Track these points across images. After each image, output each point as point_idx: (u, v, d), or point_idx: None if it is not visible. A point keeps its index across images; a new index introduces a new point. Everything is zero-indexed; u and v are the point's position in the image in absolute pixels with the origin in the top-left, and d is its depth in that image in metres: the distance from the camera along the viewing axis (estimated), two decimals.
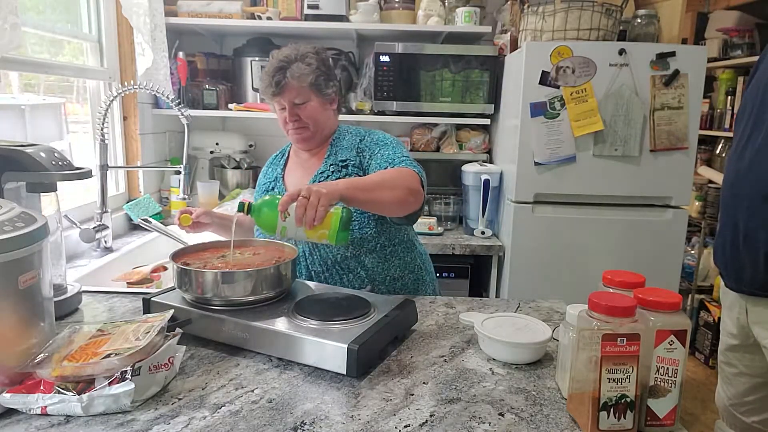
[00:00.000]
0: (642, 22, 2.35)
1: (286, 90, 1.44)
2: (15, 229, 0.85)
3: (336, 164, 1.49)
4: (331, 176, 1.47)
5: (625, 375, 0.80)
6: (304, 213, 1.08)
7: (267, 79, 1.44)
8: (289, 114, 1.45)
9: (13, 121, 1.71)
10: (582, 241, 2.18)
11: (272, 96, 1.46)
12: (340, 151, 1.52)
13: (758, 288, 1.39)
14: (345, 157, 1.49)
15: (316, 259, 1.47)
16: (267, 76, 1.45)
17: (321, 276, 1.47)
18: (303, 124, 1.46)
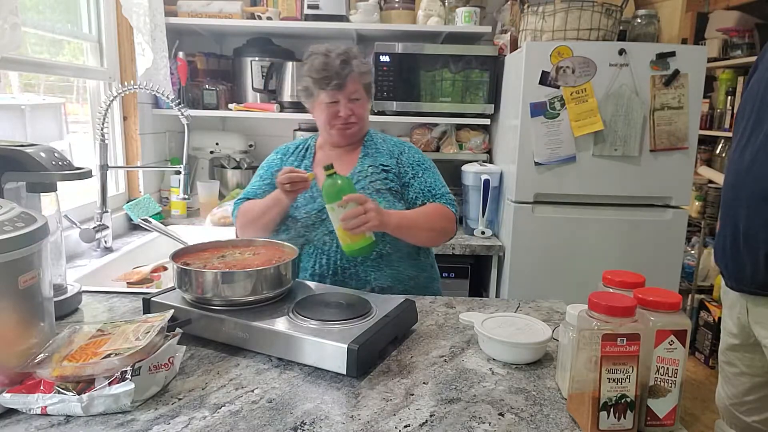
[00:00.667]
0: (642, 22, 2.35)
1: (348, 84, 1.47)
2: (15, 229, 0.85)
3: (375, 167, 1.54)
4: (370, 176, 1.52)
5: (625, 375, 0.80)
6: (352, 219, 1.27)
7: (329, 71, 1.44)
8: (344, 108, 1.48)
9: (13, 121, 1.71)
10: (582, 241, 2.18)
11: (335, 88, 1.45)
12: (377, 154, 1.57)
13: (759, 287, 1.39)
14: (386, 163, 1.55)
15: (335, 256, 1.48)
16: (328, 68, 1.44)
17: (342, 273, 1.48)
18: (353, 120, 1.50)
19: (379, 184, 1.54)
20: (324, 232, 1.48)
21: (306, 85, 1.51)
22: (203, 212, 2.40)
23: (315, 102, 1.52)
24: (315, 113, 1.56)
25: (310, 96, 1.52)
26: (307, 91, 1.52)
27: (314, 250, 1.49)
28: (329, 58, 1.46)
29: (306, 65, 1.51)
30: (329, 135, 1.55)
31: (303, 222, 1.49)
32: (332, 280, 1.48)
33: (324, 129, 1.54)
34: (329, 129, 1.52)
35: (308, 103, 1.56)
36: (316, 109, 1.53)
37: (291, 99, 2.51)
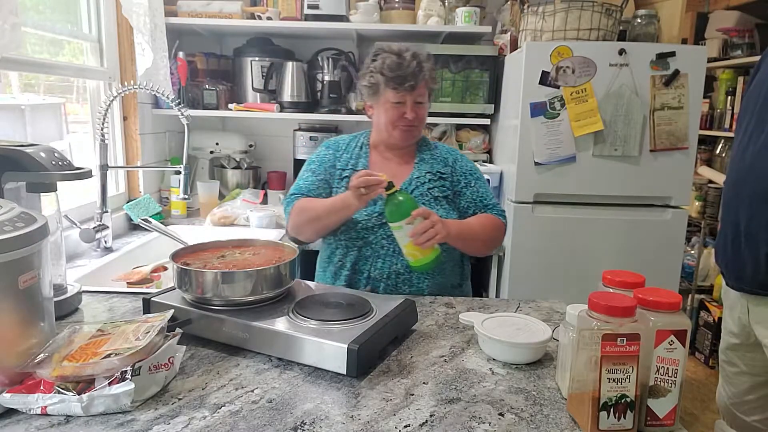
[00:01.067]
0: (642, 22, 2.35)
1: (419, 86, 1.46)
2: (15, 229, 0.85)
3: (432, 173, 1.55)
4: (427, 183, 1.53)
5: (625, 375, 0.80)
6: (422, 234, 1.28)
7: (403, 72, 1.44)
8: (410, 110, 1.47)
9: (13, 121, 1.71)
10: (582, 241, 2.18)
11: (408, 89, 1.45)
12: (432, 160, 1.57)
13: (759, 287, 1.39)
14: (442, 170, 1.56)
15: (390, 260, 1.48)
16: (402, 68, 1.44)
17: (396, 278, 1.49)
18: (415, 123, 1.50)
19: (436, 192, 1.54)
20: (382, 235, 1.48)
21: (374, 82, 1.48)
22: (203, 212, 2.40)
23: (379, 100, 1.50)
24: (376, 111, 1.53)
25: (375, 94, 1.50)
26: (374, 88, 1.49)
27: (371, 254, 1.49)
28: (403, 58, 1.45)
29: (375, 62, 1.48)
30: (389, 135, 1.52)
31: (363, 224, 1.48)
32: (386, 284, 1.48)
33: (385, 128, 1.51)
34: (392, 129, 1.50)
35: (371, 100, 1.53)
36: (379, 108, 1.51)
37: (291, 99, 2.51)
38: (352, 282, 1.52)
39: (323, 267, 1.62)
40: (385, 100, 1.48)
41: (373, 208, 1.49)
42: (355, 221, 1.48)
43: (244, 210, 2.31)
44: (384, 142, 1.58)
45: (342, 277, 1.52)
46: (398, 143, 1.55)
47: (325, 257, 1.60)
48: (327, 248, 1.59)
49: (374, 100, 1.52)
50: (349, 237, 1.49)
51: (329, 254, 1.57)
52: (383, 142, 1.59)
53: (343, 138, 1.65)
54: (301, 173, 1.60)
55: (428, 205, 1.51)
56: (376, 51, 1.52)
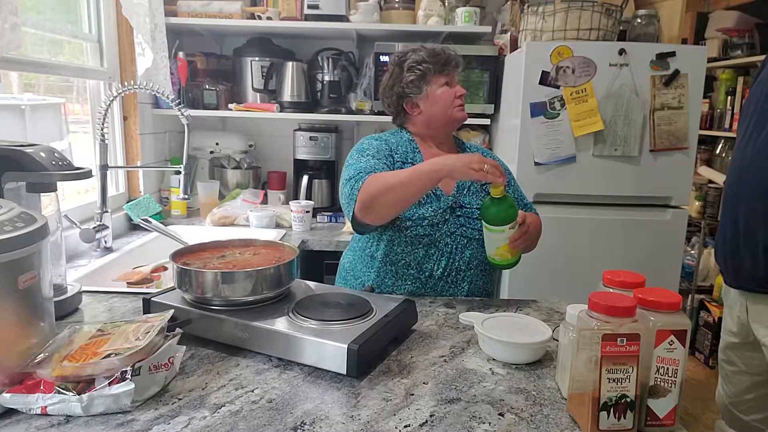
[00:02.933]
0: (642, 22, 2.35)
1: (458, 68, 1.55)
2: (15, 229, 0.85)
3: None
4: (474, 185, 1.54)
5: (625, 375, 0.80)
6: (520, 238, 1.32)
7: (444, 56, 1.51)
8: (460, 87, 1.54)
9: (13, 121, 1.71)
10: (582, 241, 2.18)
11: (454, 67, 1.53)
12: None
13: (758, 285, 1.40)
14: None
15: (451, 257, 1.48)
16: (441, 54, 1.51)
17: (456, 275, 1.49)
18: (464, 101, 1.54)
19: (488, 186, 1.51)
20: (446, 232, 1.46)
21: (421, 72, 1.50)
22: (203, 212, 2.40)
23: (428, 90, 1.50)
24: (425, 104, 1.51)
25: (424, 83, 1.50)
26: (421, 78, 1.50)
27: (435, 252, 1.46)
28: (434, 47, 1.54)
29: (409, 60, 1.51)
30: (449, 118, 1.52)
31: (430, 220, 1.45)
32: (445, 282, 1.47)
33: (444, 112, 1.51)
34: (451, 110, 1.51)
35: (417, 95, 1.51)
36: (430, 98, 1.51)
37: (291, 99, 2.51)
38: (419, 283, 1.47)
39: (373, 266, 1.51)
40: (436, 86, 1.50)
41: (438, 204, 1.46)
42: (422, 217, 1.44)
43: (244, 210, 2.31)
44: (437, 133, 1.55)
45: (407, 277, 1.47)
46: (456, 123, 1.56)
47: (379, 257, 1.49)
48: (381, 247, 1.49)
49: (422, 94, 1.51)
50: (416, 234, 1.45)
51: (385, 253, 1.48)
52: (434, 136, 1.56)
53: (381, 136, 1.59)
54: (354, 160, 1.47)
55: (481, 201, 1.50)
56: (400, 54, 1.55)
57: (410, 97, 1.52)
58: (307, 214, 2.28)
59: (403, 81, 1.51)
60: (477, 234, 1.46)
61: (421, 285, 1.47)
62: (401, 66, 1.52)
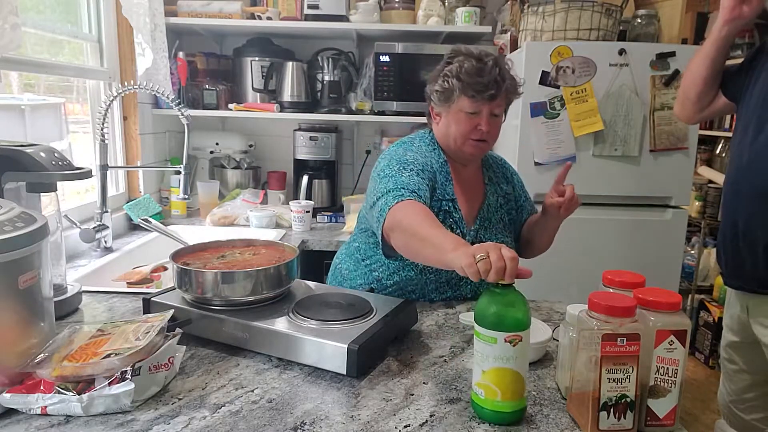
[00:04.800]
0: (642, 22, 2.35)
1: (497, 98, 1.30)
2: (15, 229, 0.85)
3: (501, 197, 1.47)
4: (500, 209, 1.44)
5: (625, 375, 0.80)
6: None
7: (485, 79, 1.28)
8: (486, 122, 1.31)
9: (13, 121, 1.71)
10: (582, 241, 2.18)
11: (488, 99, 1.29)
12: (495, 178, 1.48)
13: (758, 284, 1.40)
14: (504, 192, 1.49)
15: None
16: (483, 74, 1.28)
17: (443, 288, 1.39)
18: (488, 138, 1.33)
19: (506, 217, 1.47)
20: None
21: (448, 87, 1.31)
22: (203, 212, 2.40)
23: (450, 108, 1.33)
24: (444, 120, 1.36)
25: (447, 100, 1.32)
26: (446, 93, 1.31)
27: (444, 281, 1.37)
28: (484, 63, 1.30)
29: (451, 65, 1.32)
30: (459, 149, 1.35)
31: None
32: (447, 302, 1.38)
33: (455, 140, 1.34)
34: (461, 142, 1.33)
35: (440, 107, 1.35)
36: (449, 117, 1.34)
37: (291, 99, 2.51)
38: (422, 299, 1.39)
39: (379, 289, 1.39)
40: (458, 109, 1.31)
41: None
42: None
43: (244, 210, 2.31)
44: (452, 155, 1.40)
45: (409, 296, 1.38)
46: (467, 158, 1.38)
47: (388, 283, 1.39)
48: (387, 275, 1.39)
49: (444, 108, 1.35)
50: (439, 277, 1.36)
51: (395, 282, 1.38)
52: (452, 156, 1.41)
53: (413, 142, 1.43)
54: (395, 171, 1.30)
55: (499, 236, 1.41)
56: (451, 53, 1.36)
57: (434, 104, 1.38)
58: (307, 214, 2.28)
59: (434, 85, 1.35)
60: None
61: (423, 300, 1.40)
62: (443, 67, 1.35)
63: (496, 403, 0.85)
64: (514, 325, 0.84)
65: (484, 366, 0.85)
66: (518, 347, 0.84)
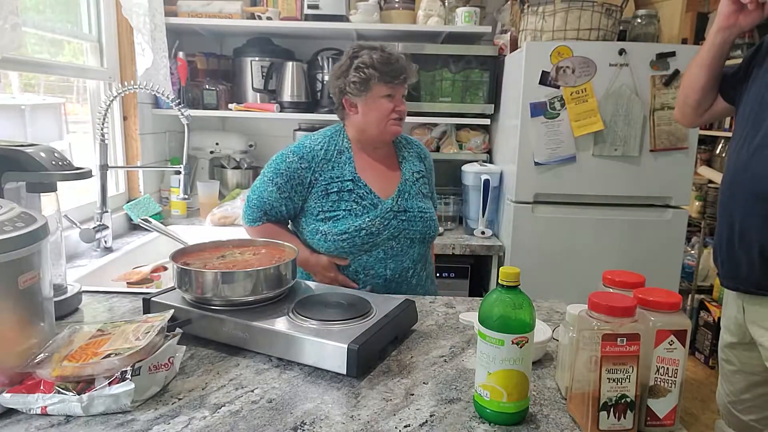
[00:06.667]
0: (642, 22, 2.35)
1: (406, 83, 1.52)
2: (15, 229, 0.85)
3: (415, 172, 1.61)
4: (416, 183, 1.59)
5: (625, 375, 0.80)
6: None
7: (395, 65, 1.48)
8: (401, 104, 1.52)
9: (13, 121, 1.71)
10: (582, 241, 2.18)
11: (401, 82, 1.50)
12: (409, 158, 1.63)
13: (754, 286, 1.40)
14: (418, 169, 1.63)
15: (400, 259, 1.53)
16: (392, 62, 1.48)
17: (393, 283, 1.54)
18: (403, 116, 1.54)
19: (424, 189, 1.62)
20: (388, 236, 1.50)
21: (365, 77, 1.45)
22: (203, 212, 2.40)
23: (367, 96, 1.48)
24: (362, 109, 1.49)
25: (365, 90, 1.47)
26: (364, 83, 1.46)
27: (382, 255, 1.50)
28: (390, 54, 1.49)
29: (361, 58, 1.47)
30: (380, 131, 1.51)
31: (368, 229, 1.47)
32: (397, 283, 1.53)
33: (378, 124, 1.50)
34: (385, 123, 1.50)
35: (357, 97, 1.49)
36: (368, 105, 1.48)
37: (291, 99, 2.51)
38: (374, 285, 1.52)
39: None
40: (376, 95, 1.48)
41: (375, 212, 1.48)
42: (359, 228, 1.46)
43: None
44: (370, 140, 1.54)
45: (357, 281, 1.52)
46: (389, 138, 1.55)
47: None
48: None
49: (361, 98, 1.49)
50: (354, 243, 1.47)
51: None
52: (368, 142, 1.55)
53: (315, 141, 1.54)
54: (265, 180, 1.52)
55: (420, 204, 1.56)
56: (355, 48, 1.51)
57: (350, 96, 1.50)
58: None
59: (348, 78, 1.48)
60: (419, 235, 1.54)
61: (375, 287, 1.51)
62: (351, 61, 1.49)
63: (502, 405, 0.85)
64: (520, 327, 0.84)
65: (490, 368, 0.85)
66: (524, 348, 0.84)
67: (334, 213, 1.48)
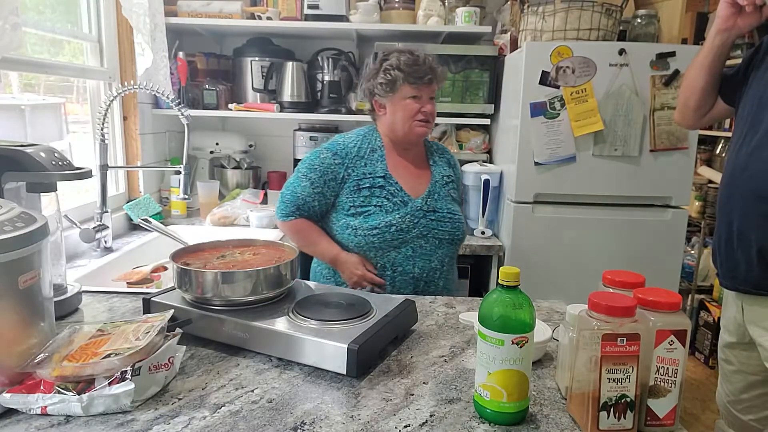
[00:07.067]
0: (642, 22, 2.35)
1: (434, 83, 1.55)
2: (15, 229, 0.85)
3: (445, 176, 1.66)
4: (446, 186, 1.63)
5: (625, 375, 0.80)
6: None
7: (420, 68, 1.52)
8: (427, 105, 1.55)
9: (13, 121, 1.71)
10: (582, 241, 2.18)
11: (426, 83, 1.53)
12: (439, 162, 1.68)
13: (752, 286, 1.39)
14: (447, 173, 1.67)
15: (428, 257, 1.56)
16: (419, 63, 1.52)
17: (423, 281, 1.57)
18: (430, 118, 1.57)
19: (453, 193, 1.66)
20: (418, 235, 1.53)
21: (391, 78, 1.53)
22: (203, 212, 2.40)
23: (394, 97, 1.54)
24: (390, 109, 1.56)
25: (391, 90, 1.53)
26: (390, 84, 1.53)
27: (411, 253, 1.53)
28: (417, 56, 1.54)
29: (389, 60, 1.54)
30: (406, 132, 1.56)
31: (398, 225, 1.51)
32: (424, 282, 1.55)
33: (403, 124, 1.55)
34: (410, 124, 1.54)
35: (385, 98, 1.56)
36: (395, 105, 1.55)
37: (291, 99, 2.51)
38: (399, 283, 1.55)
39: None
40: (402, 96, 1.53)
41: (406, 209, 1.53)
42: (389, 224, 1.50)
43: (244, 210, 2.31)
44: (399, 141, 1.60)
45: (385, 277, 1.55)
46: (414, 139, 1.58)
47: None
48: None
49: (389, 98, 1.55)
50: (384, 239, 1.51)
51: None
52: (398, 142, 1.60)
53: (348, 139, 1.61)
54: (299, 176, 1.58)
55: (449, 205, 1.60)
56: (386, 52, 1.58)
57: (378, 97, 1.58)
58: None
59: (376, 80, 1.56)
60: (447, 236, 1.57)
61: (400, 285, 1.53)
62: (381, 64, 1.57)
63: (502, 405, 0.85)
64: (520, 327, 0.84)
65: (490, 368, 0.85)
66: (524, 348, 0.84)
67: (365, 208, 1.52)
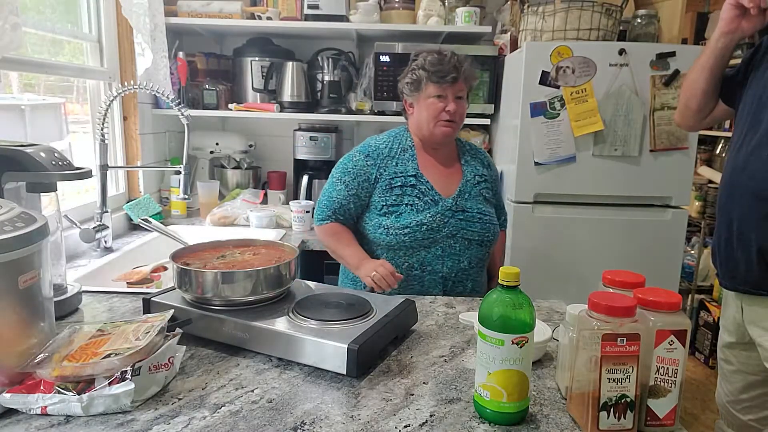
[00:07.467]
0: (642, 22, 2.35)
1: (459, 81, 1.54)
2: (15, 229, 0.85)
3: (477, 176, 1.65)
4: (478, 185, 1.63)
5: (625, 375, 0.80)
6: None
7: (444, 65, 1.52)
8: (451, 104, 1.53)
9: (13, 121, 1.71)
10: (582, 241, 2.18)
11: (450, 82, 1.52)
12: (472, 162, 1.68)
13: (752, 286, 1.39)
14: (481, 173, 1.67)
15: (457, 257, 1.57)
16: (443, 63, 1.52)
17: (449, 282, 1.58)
18: (455, 118, 1.55)
19: (485, 193, 1.65)
20: (447, 234, 1.53)
21: (416, 78, 1.55)
22: (203, 212, 2.40)
23: (420, 96, 1.55)
24: (417, 108, 1.58)
25: (417, 90, 1.55)
26: (415, 84, 1.55)
27: (440, 252, 1.54)
28: (444, 55, 1.54)
29: (416, 60, 1.57)
30: (431, 131, 1.56)
31: (428, 225, 1.52)
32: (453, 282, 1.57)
33: (426, 124, 1.56)
34: (433, 124, 1.55)
35: (412, 97, 1.58)
36: (420, 105, 1.56)
37: (291, 99, 2.51)
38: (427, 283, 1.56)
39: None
40: (426, 95, 1.54)
41: (436, 208, 1.54)
42: (420, 223, 1.52)
43: (244, 210, 2.31)
44: (425, 140, 1.61)
45: (413, 278, 1.56)
46: (439, 139, 1.58)
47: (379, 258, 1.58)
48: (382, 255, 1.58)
49: (415, 97, 1.57)
50: (415, 238, 1.52)
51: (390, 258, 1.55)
52: (425, 142, 1.61)
53: (380, 140, 1.64)
54: (333, 181, 1.61)
55: (480, 206, 1.61)
56: (414, 53, 1.61)
57: (406, 96, 1.61)
58: (307, 214, 2.28)
59: (405, 80, 1.59)
60: (477, 236, 1.56)
61: (429, 284, 1.54)
62: (410, 64, 1.59)
63: (502, 405, 0.85)
64: (520, 327, 0.84)
65: (490, 368, 0.85)
66: (524, 348, 0.84)
67: (397, 207, 1.54)
